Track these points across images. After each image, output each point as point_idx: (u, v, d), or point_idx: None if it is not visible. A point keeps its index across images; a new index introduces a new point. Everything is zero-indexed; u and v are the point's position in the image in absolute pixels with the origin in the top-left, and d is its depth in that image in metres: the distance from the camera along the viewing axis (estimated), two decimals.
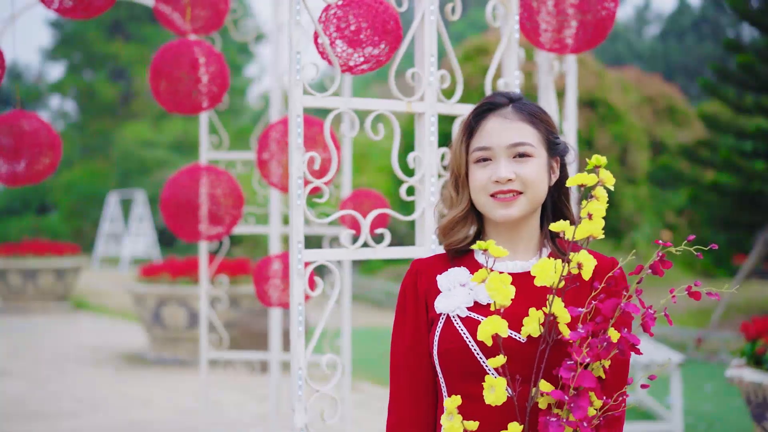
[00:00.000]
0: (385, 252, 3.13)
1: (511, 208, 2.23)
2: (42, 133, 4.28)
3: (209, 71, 4.08)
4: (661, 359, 7.70)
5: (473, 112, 2.32)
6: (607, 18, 3.77)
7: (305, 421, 2.92)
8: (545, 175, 2.26)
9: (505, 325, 1.99)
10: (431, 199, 3.15)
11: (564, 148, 2.32)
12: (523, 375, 2.09)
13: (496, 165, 2.23)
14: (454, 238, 2.32)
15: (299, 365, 2.91)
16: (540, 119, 2.28)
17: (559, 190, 2.33)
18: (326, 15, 3.14)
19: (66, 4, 4.14)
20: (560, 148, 2.31)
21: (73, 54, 32.57)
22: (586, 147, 17.72)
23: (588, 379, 1.95)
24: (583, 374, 1.95)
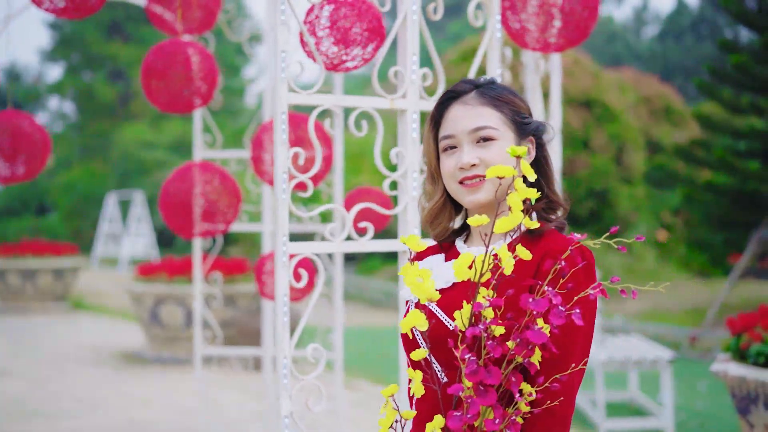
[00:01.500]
0: (369, 245, 3.21)
1: (478, 193, 2.23)
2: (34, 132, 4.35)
3: (200, 71, 4.16)
4: (652, 356, 7.78)
5: (437, 102, 2.34)
6: (589, 17, 3.84)
7: (290, 409, 3.00)
8: (509, 157, 2.21)
9: (423, 320, 1.95)
10: (413, 194, 3.23)
11: (537, 127, 2.29)
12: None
13: (461, 151, 2.25)
14: (436, 230, 2.35)
15: (284, 355, 2.99)
16: (504, 101, 2.26)
17: (539, 171, 2.29)
18: (314, 14, 3.22)
19: (57, 5, 4.20)
20: (531, 128, 2.27)
21: (72, 55, 32.64)
22: (582, 147, 17.80)
23: (493, 376, 1.85)
24: (488, 371, 1.86)
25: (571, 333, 2.01)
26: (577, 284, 2.02)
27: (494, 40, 3.52)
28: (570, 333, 2.00)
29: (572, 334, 2.01)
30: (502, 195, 2.07)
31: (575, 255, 2.06)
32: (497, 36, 3.51)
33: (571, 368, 1.98)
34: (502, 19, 3.81)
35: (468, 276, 1.93)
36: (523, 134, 2.27)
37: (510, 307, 1.98)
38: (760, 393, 5.13)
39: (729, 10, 13.34)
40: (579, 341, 2.04)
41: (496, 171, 1.94)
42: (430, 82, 3.35)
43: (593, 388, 8.58)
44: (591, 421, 8.02)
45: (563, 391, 1.97)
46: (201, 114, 5.94)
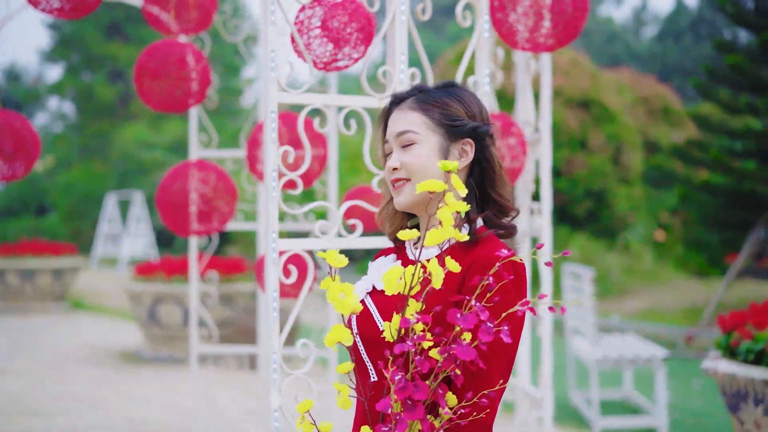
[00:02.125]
0: (358, 242, 3.26)
1: (400, 195, 2.27)
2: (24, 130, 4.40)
3: (193, 71, 4.20)
4: (646, 354, 7.83)
5: (384, 108, 2.39)
6: (579, 17, 3.88)
7: (279, 403, 3.05)
8: (434, 158, 2.24)
9: (348, 335, 1.96)
10: None
11: (473, 129, 2.27)
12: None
13: (392, 155, 2.30)
14: (389, 230, 2.39)
15: (274, 350, 3.04)
16: (435, 105, 2.27)
17: (480, 172, 2.28)
18: (304, 15, 3.27)
19: (54, 5, 4.25)
20: (464, 130, 2.26)
21: (72, 55, 32.68)
22: (580, 147, 17.86)
23: (421, 391, 1.85)
24: (416, 386, 1.86)
25: (497, 348, 2.01)
26: (505, 298, 2.03)
27: (482, 40, 3.57)
28: (496, 348, 2.01)
29: (498, 349, 2.02)
30: (433, 209, 2.10)
31: (504, 268, 2.05)
32: (485, 36, 3.56)
33: (499, 384, 1.99)
34: (492, 20, 3.86)
35: (397, 289, 1.93)
36: (455, 136, 2.26)
37: (438, 320, 2.01)
38: (749, 390, 5.18)
39: (725, 10, 13.39)
40: (504, 356, 2.05)
41: (427, 186, 1.95)
42: (418, 81, 3.40)
43: (588, 387, 8.63)
44: (586, 420, 8.06)
45: (490, 405, 1.99)
46: (197, 114, 6.00)
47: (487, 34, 3.57)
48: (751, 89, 13.54)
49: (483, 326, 1.85)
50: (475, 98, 2.32)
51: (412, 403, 1.85)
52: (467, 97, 2.31)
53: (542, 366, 4.99)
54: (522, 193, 5.15)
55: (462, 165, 2.25)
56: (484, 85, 3.58)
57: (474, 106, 2.30)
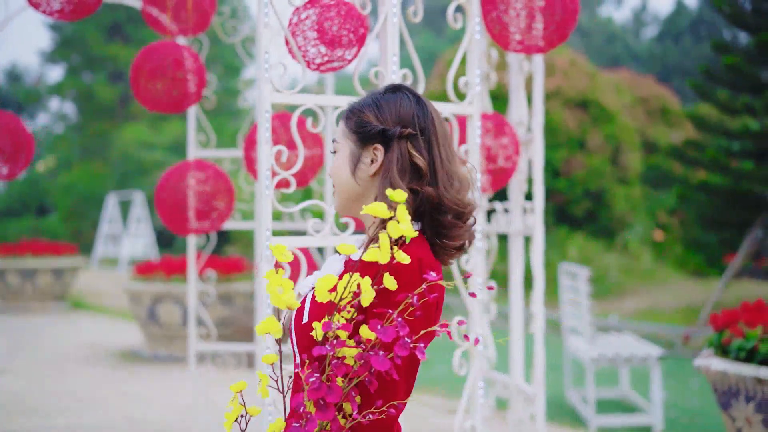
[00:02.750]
0: (349, 240, 3.31)
1: (334, 202, 2.39)
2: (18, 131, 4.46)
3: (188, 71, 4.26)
4: (642, 353, 7.88)
5: None
6: (569, 19, 3.94)
7: (273, 397, 3.11)
8: (346, 165, 2.32)
9: (277, 327, 2.02)
10: None
11: (380, 134, 2.29)
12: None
13: None
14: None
15: (267, 345, 3.10)
16: (353, 113, 2.34)
17: (389, 171, 2.27)
18: (297, 17, 3.33)
19: (54, 7, 4.31)
20: (371, 135, 2.30)
21: (72, 56, 32.74)
22: (579, 147, 17.91)
23: (334, 394, 1.93)
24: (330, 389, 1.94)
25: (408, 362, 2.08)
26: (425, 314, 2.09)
27: (473, 42, 3.63)
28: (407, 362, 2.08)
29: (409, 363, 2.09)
30: (374, 233, 2.22)
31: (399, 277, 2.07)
32: (476, 38, 3.63)
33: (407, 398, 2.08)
34: (484, 21, 3.92)
35: (328, 297, 2.00)
36: (364, 142, 2.31)
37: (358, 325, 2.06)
38: (741, 387, 5.24)
39: (722, 11, 13.45)
40: (413, 370, 2.13)
41: (369, 210, 2.02)
42: (410, 82, 3.46)
43: (584, 385, 8.69)
44: (582, 418, 8.12)
45: (397, 415, 2.08)
46: (195, 114, 6.06)
47: (478, 36, 3.63)
48: (749, 90, 13.59)
49: (401, 341, 1.92)
50: (396, 103, 2.31)
51: (324, 404, 1.92)
52: (385, 102, 2.32)
53: (535, 363, 5.05)
54: (515, 193, 5.21)
55: (373, 170, 2.28)
56: (476, 85, 3.64)
57: (388, 111, 2.30)
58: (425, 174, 2.25)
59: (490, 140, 4.66)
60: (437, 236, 2.27)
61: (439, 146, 2.29)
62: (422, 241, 2.24)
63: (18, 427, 7.82)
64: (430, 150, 2.27)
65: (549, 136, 17.68)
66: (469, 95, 3.65)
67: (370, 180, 2.29)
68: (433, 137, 2.28)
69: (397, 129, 2.26)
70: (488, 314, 5.30)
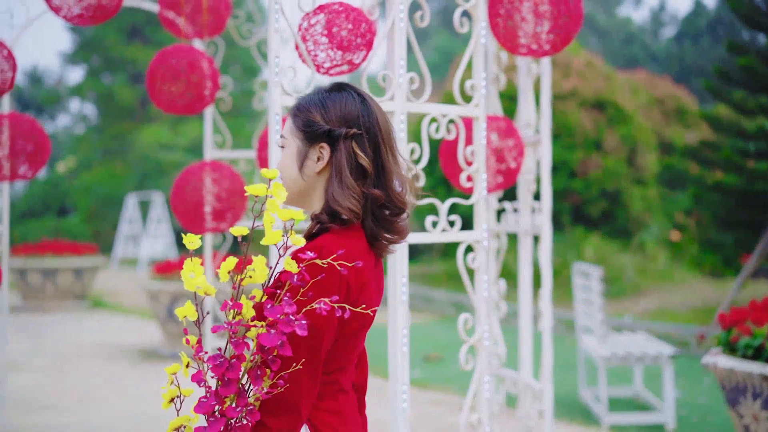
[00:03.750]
0: None
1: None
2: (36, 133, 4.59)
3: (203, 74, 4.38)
4: (654, 352, 7.96)
5: None
6: (574, 23, 4.03)
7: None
8: (293, 162, 2.41)
9: (192, 311, 2.18)
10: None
11: (326, 134, 2.37)
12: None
13: None
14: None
15: None
16: (301, 110, 2.42)
17: (339, 173, 2.37)
18: (307, 22, 3.44)
19: (74, 12, 4.43)
20: (318, 134, 2.38)
21: (93, 58, 32.97)
22: (595, 148, 17.96)
23: (234, 370, 2.09)
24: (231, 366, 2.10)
25: (295, 339, 2.18)
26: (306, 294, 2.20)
27: (479, 45, 3.73)
28: (294, 339, 2.18)
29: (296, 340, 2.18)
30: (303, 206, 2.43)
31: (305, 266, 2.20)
32: (482, 42, 3.73)
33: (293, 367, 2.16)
34: (491, 26, 4.02)
35: (225, 279, 2.17)
36: (311, 141, 2.39)
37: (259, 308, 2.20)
38: (747, 384, 5.31)
39: (738, 12, 13.47)
40: (302, 346, 2.21)
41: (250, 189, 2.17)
42: (417, 86, 3.56)
43: (597, 384, 8.76)
44: (595, 416, 8.19)
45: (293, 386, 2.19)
46: (212, 115, 6.19)
47: (483, 39, 3.73)
48: (764, 90, 13.60)
49: (285, 318, 2.07)
50: (342, 102, 2.40)
51: (228, 381, 2.08)
52: (331, 102, 2.40)
53: (543, 360, 5.14)
54: (524, 192, 5.30)
55: (319, 167, 2.37)
56: (481, 88, 3.74)
57: (334, 111, 2.39)
58: (370, 173, 2.36)
59: (499, 141, 4.75)
60: (377, 231, 2.38)
61: (383, 145, 2.39)
62: (353, 232, 2.35)
63: (35, 422, 7.96)
64: (375, 149, 2.38)
65: (565, 137, 17.72)
66: (475, 98, 3.75)
67: (316, 176, 2.38)
68: (377, 137, 2.39)
69: (342, 130, 2.35)
70: (498, 312, 5.39)
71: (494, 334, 5.39)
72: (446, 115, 3.67)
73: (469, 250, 3.86)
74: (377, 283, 2.44)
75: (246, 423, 2.12)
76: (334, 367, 2.34)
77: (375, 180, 2.37)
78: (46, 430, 7.74)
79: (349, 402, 2.41)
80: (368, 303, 2.34)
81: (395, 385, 3.50)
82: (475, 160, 3.77)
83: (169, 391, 2.24)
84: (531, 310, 5.31)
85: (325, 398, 2.34)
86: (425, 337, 13.15)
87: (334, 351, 2.32)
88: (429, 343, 12.51)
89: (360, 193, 2.34)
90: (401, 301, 3.49)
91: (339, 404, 2.36)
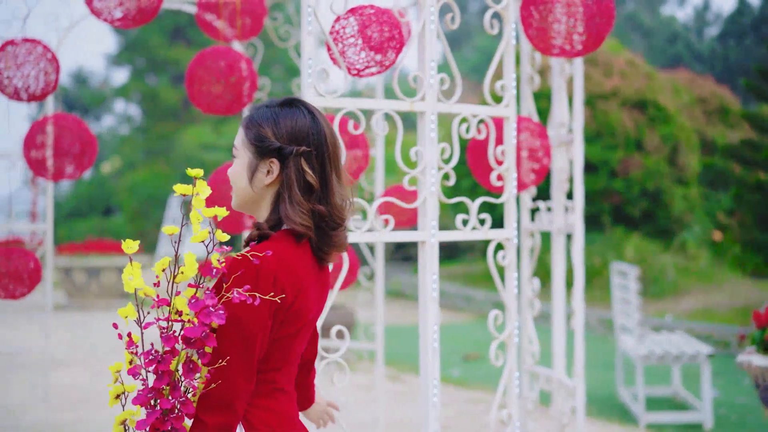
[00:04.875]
0: (388, 236, 3.49)
1: (232, 200, 2.61)
2: (82, 132, 4.71)
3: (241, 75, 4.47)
4: (692, 351, 7.96)
5: None
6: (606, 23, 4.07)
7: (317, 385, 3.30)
8: (244, 174, 2.51)
9: (132, 311, 2.33)
10: (431, 189, 3.52)
11: (276, 150, 2.47)
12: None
13: None
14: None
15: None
16: (252, 124, 2.52)
17: (289, 190, 2.47)
18: (339, 25, 3.53)
19: (115, 15, 4.55)
20: (268, 150, 2.48)
21: (137, 59, 33.30)
22: (636, 148, 17.89)
23: (165, 363, 2.24)
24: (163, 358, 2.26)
25: (220, 332, 2.30)
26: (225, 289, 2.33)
27: (509, 46, 3.79)
28: (219, 332, 2.30)
29: (220, 333, 2.30)
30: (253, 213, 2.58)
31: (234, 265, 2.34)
32: (512, 43, 3.79)
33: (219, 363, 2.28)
34: (524, 27, 4.08)
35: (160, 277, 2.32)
36: (261, 155, 2.49)
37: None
38: None
39: None
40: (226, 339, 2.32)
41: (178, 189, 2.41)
42: (447, 86, 3.63)
43: (635, 383, 8.77)
44: (632, 415, 8.21)
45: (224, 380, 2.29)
46: None
47: (514, 41, 3.79)
48: None
49: (205, 310, 2.22)
50: (292, 119, 2.50)
51: (161, 373, 2.23)
52: (282, 118, 2.51)
53: (575, 358, 5.18)
54: (557, 192, 5.35)
55: (268, 181, 2.48)
56: (511, 89, 3.80)
57: (285, 127, 2.49)
58: (316, 190, 2.47)
59: (532, 140, 4.81)
60: (320, 243, 2.50)
61: (329, 163, 2.51)
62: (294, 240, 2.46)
63: (76, 418, 8.10)
64: (322, 167, 2.49)
65: (606, 137, 17.66)
66: (506, 98, 3.81)
67: (265, 188, 2.50)
68: (325, 154, 2.50)
69: (292, 148, 2.46)
70: (533, 310, 5.44)
71: (528, 331, 5.44)
72: (477, 115, 3.74)
73: (500, 248, 3.91)
74: (319, 291, 2.55)
75: (181, 414, 2.24)
76: (270, 367, 2.44)
77: (321, 196, 2.48)
78: (86, 425, 7.88)
79: (288, 402, 2.51)
80: (305, 308, 2.45)
81: (426, 380, 3.56)
82: (505, 160, 3.83)
83: (114, 388, 2.36)
84: (564, 307, 5.35)
85: (262, 396, 2.43)
86: (464, 337, 13.20)
87: (272, 352, 2.42)
88: (468, 343, 12.55)
89: (308, 208, 2.45)
90: (432, 297, 3.56)
91: (277, 403, 2.46)
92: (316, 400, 3.02)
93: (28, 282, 5.02)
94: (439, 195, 3.57)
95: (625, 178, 17.74)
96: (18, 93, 4.69)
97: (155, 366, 2.23)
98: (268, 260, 2.33)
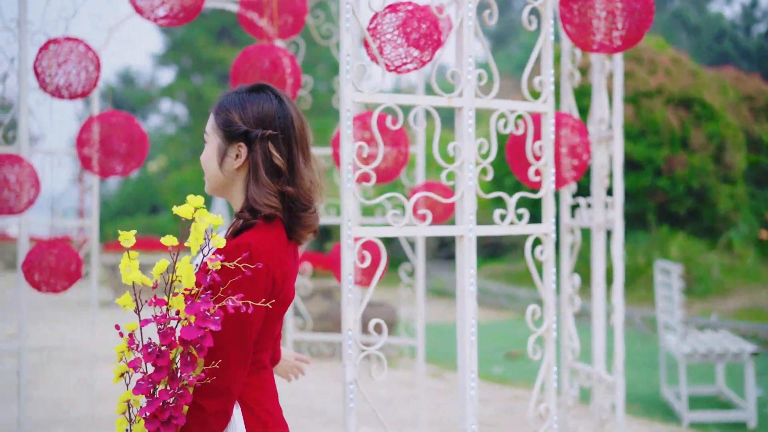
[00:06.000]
0: (426, 230, 3.53)
1: (205, 185, 2.67)
2: (132, 130, 4.79)
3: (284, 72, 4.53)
4: (735, 349, 7.91)
5: None
6: (646, 19, 4.07)
7: (354, 376, 3.34)
8: (214, 158, 2.59)
9: (130, 301, 2.34)
10: (469, 184, 3.55)
11: (244, 134, 2.54)
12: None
13: None
14: None
15: (349, 327, 3.33)
16: (222, 110, 2.59)
17: (256, 173, 2.54)
18: (377, 21, 3.57)
19: (158, 14, 4.63)
20: (236, 134, 2.55)
21: (183, 59, 33.61)
22: (681, 146, 17.76)
23: (164, 358, 2.28)
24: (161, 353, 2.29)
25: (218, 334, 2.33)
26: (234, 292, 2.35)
27: (547, 42, 3.81)
28: (217, 334, 2.33)
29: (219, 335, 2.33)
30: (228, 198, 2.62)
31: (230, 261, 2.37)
32: (550, 39, 3.80)
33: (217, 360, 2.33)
34: (563, 23, 4.10)
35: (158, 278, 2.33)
36: (230, 140, 2.56)
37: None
38: None
39: None
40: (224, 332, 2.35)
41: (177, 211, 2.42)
42: (485, 82, 3.66)
43: (678, 382, 8.73)
44: (676, 413, 8.17)
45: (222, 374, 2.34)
46: None
47: (552, 37, 3.81)
48: None
49: (201, 314, 2.25)
50: (259, 103, 2.56)
51: (159, 367, 2.28)
52: (249, 103, 2.57)
53: (615, 354, 5.18)
54: (597, 188, 5.35)
55: (237, 164, 2.55)
56: (549, 84, 3.81)
57: (251, 112, 2.56)
58: (284, 172, 2.54)
59: (572, 137, 4.82)
60: (292, 224, 2.56)
61: (297, 147, 2.57)
62: (275, 227, 2.52)
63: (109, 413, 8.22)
64: (290, 150, 2.56)
65: (651, 135, 17.55)
66: (544, 94, 3.83)
67: (236, 172, 2.56)
68: (292, 138, 2.56)
69: (259, 131, 2.53)
70: (573, 306, 5.44)
71: (568, 328, 5.45)
72: (514, 111, 3.76)
73: (538, 243, 3.93)
74: (295, 269, 2.62)
75: (179, 404, 2.29)
76: (258, 348, 2.51)
77: (289, 179, 2.54)
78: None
79: (269, 376, 2.61)
80: (291, 292, 2.56)
81: (464, 374, 3.59)
82: (543, 155, 3.85)
83: (119, 367, 2.42)
84: (604, 304, 5.35)
85: (251, 375, 2.50)
86: (507, 334, 13.20)
87: (260, 335, 2.49)
88: (510, 340, 12.55)
89: (276, 190, 2.52)
90: (469, 292, 3.58)
91: (261, 379, 2.54)
92: (283, 356, 3.10)
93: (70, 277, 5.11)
94: (477, 190, 3.59)
95: (670, 176, 17.63)
96: (59, 91, 4.78)
97: (153, 360, 2.29)
98: (260, 254, 2.39)
